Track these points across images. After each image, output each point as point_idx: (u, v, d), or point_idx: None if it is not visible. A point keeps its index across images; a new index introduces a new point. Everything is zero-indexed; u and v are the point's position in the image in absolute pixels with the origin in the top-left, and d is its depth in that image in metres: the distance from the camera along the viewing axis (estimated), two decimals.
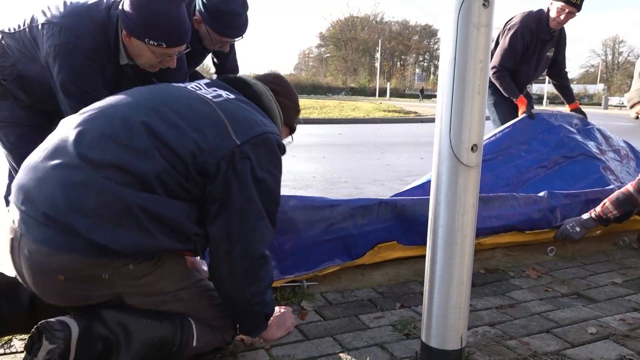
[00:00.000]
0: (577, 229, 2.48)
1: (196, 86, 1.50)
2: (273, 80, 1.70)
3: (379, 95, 43.67)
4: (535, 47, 3.58)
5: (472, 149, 1.35)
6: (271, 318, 1.56)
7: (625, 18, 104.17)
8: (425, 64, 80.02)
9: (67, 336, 1.20)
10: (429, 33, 76.50)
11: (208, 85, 1.53)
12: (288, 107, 1.69)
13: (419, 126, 13.68)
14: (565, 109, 3.90)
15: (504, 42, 3.56)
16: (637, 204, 2.24)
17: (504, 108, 3.79)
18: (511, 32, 3.52)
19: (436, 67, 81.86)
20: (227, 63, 2.69)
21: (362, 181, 5.01)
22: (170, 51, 1.85)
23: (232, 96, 1.49)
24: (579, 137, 3.40)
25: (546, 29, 3.51)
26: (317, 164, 6.10)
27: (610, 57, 67.22)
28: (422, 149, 7.58)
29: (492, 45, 3.67)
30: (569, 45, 3.84)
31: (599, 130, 3.65)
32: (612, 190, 2.49)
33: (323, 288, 2.05)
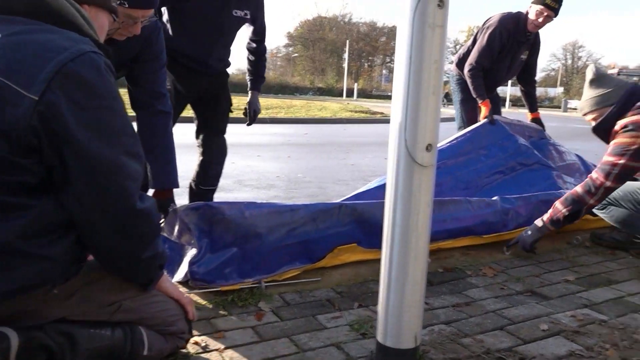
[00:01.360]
0: (529, 232, 2.53)
1: None
2: None
3: (347, 96, 43.82)
4: (510, 48, 3.67)
5: (427, 148, 1.36)
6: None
7: (585, 24, 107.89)
8: (393, 65, 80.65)
9: (6, 347, 1.11)
10: (396, 34, 77.09)
11: None
12: None
13: (385, 127, 13.79)
14: (526, 115, 4.02)
15: (482, 40, 3.65)
16: (585, 203, 2.30)
17: (469, 107, 3.89)
18: (489, 30, 3.61)
19: None
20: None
21: (325, 181, 5.02)
22: (133, 12, 1.70)
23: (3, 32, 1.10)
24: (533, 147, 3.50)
25: (523, 31, 3.60)
26: (281, 163, 6.07)
27: (570, 62, 69.31)
28: (387, 149, 7.63)
29: (470, 43, 3.83)
30: None
31: (553, 145, 3.75)
32: (562, 194, 2.56)
33: (282, 289, 2.03)
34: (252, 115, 3.02)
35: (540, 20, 3.48)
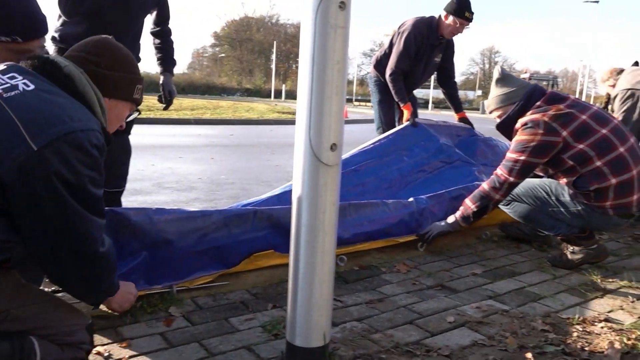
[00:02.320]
0: (442, 223, 2.64)
1: None
2: (92, 50, 1.43)
3: (275, 97, 43.76)
4: (424, 51, 3.82)
5: (331, 148, 1.37)
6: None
7: (501, 31, 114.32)
8: None
9: None
10: (300, 36, 77.77)
11: (3, 72, 1.30)
12: (118, 79, 1.46)
13: None
14: (454, 116, 4.20)
15: (399, 45, 3.77)
16: (491, 199, 2.42)
17: (386, 107, 4.02)
18: (405, 34, 3.75)
19: None
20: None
21: (249, 182, 4.97)
22: (28, 46, 1.60)
23: (31, 86, 1.26)
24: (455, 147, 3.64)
25: (436, 35, 3.77)
26: (204, 165, 5.95)
27: (487, 66, 73.13)
28: None
29: (387, 47, 3.96)
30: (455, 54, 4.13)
31: (484, 141, 3.90)
32: (474, 187, 2.68)
33: (194, 293, 1.98)
34: (167, 97, 2.94)
35: (457, 26, 3.69)
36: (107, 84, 1.43)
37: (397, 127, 3.61)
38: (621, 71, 3.94)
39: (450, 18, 3.67)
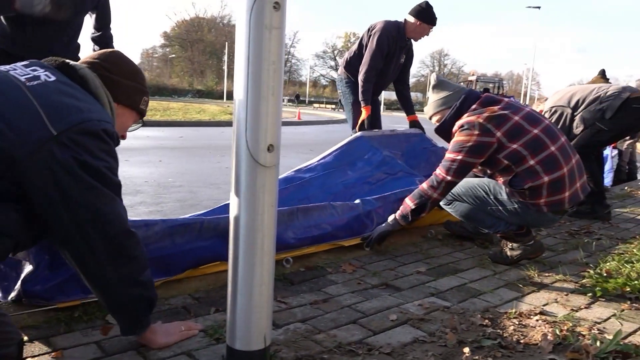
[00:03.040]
0: (383, 225, 2.68)
1: (11, 67, 1.37)
2: (105, 59, 1.55)
3: (227, 98, 43.28)
4: (394, 52, 4.00)
5: (268, 149, 1.36)
6: (157, 326, 1.56)
7: (450, 34, 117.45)
8: None
9: None
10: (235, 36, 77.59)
11: (26, 65, 1.39)
12: (127, 87, 1.56)
13: None
14: (406, 118, 4.31)
15: (372, 45, 3.92)
16: (429, 197, 2.47)
17: (359, 110, 4.13)
18: (377, 35, 3.93)
19: (283, 71, 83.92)
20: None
21: (197, 185, 4.90)
22: None
23: (52, 78, 1.37)
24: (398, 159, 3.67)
25: (403, 37, 4.01)
26: (151, 168, 5.82)
27: (437, 68, 74.94)
28: None
29: (356, 48, 4.11)
30: None
31: (434, 151, 3.90)
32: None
33: None
34: None
35: (425, 32, 4.01)
36: (117, 89, 1.53)
37: (341, 143, 3.66)
38: (545, 99, 4.32)
39: (422, 26, 3.94)
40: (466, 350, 1.63)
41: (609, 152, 6.58)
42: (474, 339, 1.72)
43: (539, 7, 37.03)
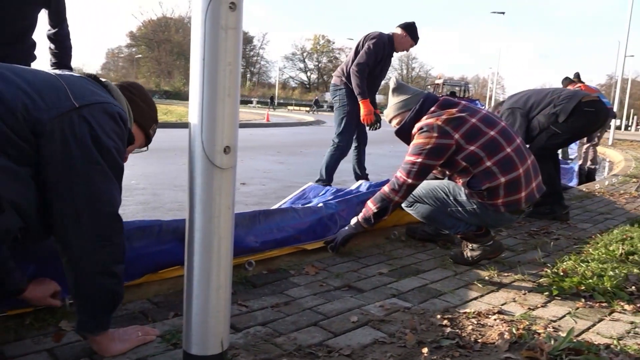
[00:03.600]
0: (346, 228, 2.68)
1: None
2: (129, 83, 1.72)
3: None
4: (382, 58, 4.38)
5: (225, 150, 1.35)
6: (113, 332, 1.53)
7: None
8: (242, 70, 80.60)
9: None
10: (245, 39, 77.29)
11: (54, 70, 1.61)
12: (143, 109, 1.69)
13: None
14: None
15: (368, 48, 4.29)
16: (391, 200, 2.49)
17: (356, 119, 4.41)
18: (374, 41, 4.31)
19: (252, 73, 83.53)
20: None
21: (162, 187, 4.82)
22: None
23: (78, 76, 1.51)
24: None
25: (391, 48, 4.45)
26: None
27: (405, 72, 75.85)
28: None
29: (353, 55, 4.41)
30: None
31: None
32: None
33: None
34: None
35: (408, 48, 4.52)
36: (136, 109, 1.66)
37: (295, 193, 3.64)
38: (501, 103, 4.52)
39: (404, 34, 4.42)
40: (425, 350, 1.64)
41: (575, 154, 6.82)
42: (433, 339, 1.74)
43: (503, 13, 37.91)
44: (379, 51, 4.30)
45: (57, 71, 1.49)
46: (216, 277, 1.39)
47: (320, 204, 2.84)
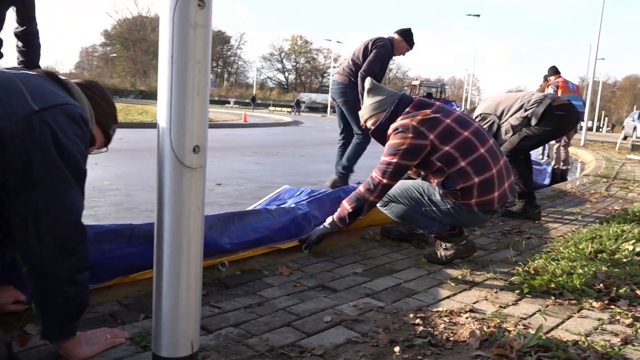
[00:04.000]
0: (321, 227, 2.68)
1: None
2: (89, 82, 1.66)
3: None
4: (386, 64, 4.80)
5: (194, 150, 1.33)
6: (80, 335, 1.48)
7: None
8: (219, 70, 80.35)
9: None
10: (222, 39, 76.98)
11: (13, 68, 1.50)
12: (104, 108, 1.63)
13: (209, 132, 13.53)
14: None
15: (376, 53, 4.56)
16: (366, 201, 2.50)
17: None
18: (382, 47, 4.59)
19: (230, 73, 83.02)
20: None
21: (136, 188, 4.75)
22: None
23: (35, 74, 1.45)
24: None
25: (392, 52, 4.76)
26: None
27: None
28: (207, 154, 7.51)
29: (361, 56, 4.66)
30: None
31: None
32: (351, 190, 2.76)
33: None
34: None
35: (402, 53, 4.84)
36: (97, 109, 1.59)
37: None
38: (474, 109, 4.65)
39: (400, 39, 4.74)
40: (397, 349, 1.65)
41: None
42: (406, 338, 1.75)
43: (478, 15, 38.39)
44: (385, 57, 4.64)
45: (14, 71, 1.43)
46: (186, 278, 1.37)
47: (293, 204, 2.84)
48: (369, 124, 2.67)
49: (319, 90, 78.81)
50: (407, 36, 4.77)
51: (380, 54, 4.57)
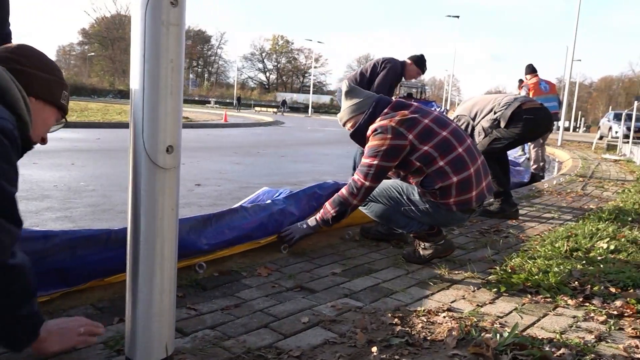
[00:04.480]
0: (304, 226, 2.67)
1: None
2: (14, 51, 1.38)
3: None
4: (393, 81, 4.96)
5: (167, 150, 1.31)
6: (50, 325, 1.42)
7: (373, 39, 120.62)
8: (200, 70, 79.81)
9: None
10: (202, 39, 76.49)
11: None
12: (44, 79, 1.40)
13: (189, 132, 13.50)
14: None
15: (386, 74, 4.75)
16: (349, 204, 2.50)
17: None
18: (390, 69, 4.79)
19: (210, 73, 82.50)
20: None
21: (112, 189, 4.68)
22: None
23: None
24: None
25: (401, 74, 5.00)
26: (62, 171, 5.50)
27: None
28: (187, 154, 7.46)
29: (370, 71, 4.86)
30: (333, 60, 5.40)
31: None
32: (327, 185, 2.76)
33: None
34: None
35: (414, 76, 5.17)
36: (33, 83, 1.37)
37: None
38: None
39: (411, 64, 5.00)
40: (374, 349, 1.65)
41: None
42: (383, 338, 1.75)
43: (457, 17, 38.77)
44: (393, 78, 4.88)
45: None
46: (160, 280, 1.35)
47: (269, 201, 2.82)
48: (347, 126, 2.67)
49: (300, 90, 78.84)
50: (419, 62, 5.06)
51: (388, 74, 4.79)
